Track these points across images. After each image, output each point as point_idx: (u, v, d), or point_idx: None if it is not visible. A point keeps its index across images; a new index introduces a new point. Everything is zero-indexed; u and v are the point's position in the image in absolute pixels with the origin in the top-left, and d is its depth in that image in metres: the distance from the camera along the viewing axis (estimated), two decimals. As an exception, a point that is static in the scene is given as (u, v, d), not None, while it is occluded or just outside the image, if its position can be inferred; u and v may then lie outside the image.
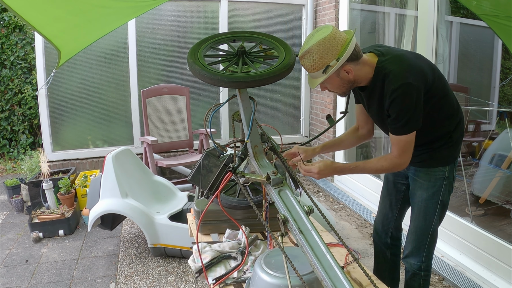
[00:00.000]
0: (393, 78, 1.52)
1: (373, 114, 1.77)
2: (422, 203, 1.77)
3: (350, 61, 1.52)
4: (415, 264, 1.83)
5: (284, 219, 1.28)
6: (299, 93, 5.05)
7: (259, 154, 1.53)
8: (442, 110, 1.66)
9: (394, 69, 1.54)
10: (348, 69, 1.54)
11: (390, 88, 1.52)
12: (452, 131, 1.71)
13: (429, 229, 1.79)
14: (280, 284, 1.32)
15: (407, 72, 1.53)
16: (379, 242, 2.08)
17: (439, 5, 2.92)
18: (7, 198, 4.11)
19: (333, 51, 1.48)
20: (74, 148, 4.46)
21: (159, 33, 4.49)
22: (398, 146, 1.61)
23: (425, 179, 1.76)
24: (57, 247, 3.15)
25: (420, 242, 1.81)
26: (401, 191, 1.95)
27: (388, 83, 1.53)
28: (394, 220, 2.01)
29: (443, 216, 1.82)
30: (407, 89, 1.51)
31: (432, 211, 1.77)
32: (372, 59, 1.60)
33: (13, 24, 5.27)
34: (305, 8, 4.77)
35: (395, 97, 1.52)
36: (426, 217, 1.78)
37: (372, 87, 1.63)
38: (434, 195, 1.75)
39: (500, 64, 4.03)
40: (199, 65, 1.52)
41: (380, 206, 2.07)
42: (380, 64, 1.57)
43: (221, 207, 1.55)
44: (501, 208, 3.17)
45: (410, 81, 1.51)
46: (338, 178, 4.45)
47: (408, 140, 1.59)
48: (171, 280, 2.65)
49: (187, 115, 4.29)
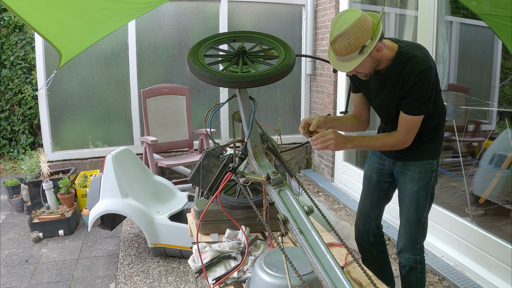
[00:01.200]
0: (418, 61, 1.60)
1: (382, 98, 1.79)
2: (414, 194, 1.84)
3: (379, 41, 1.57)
4: (410, 258, 1.88)
5: (284, 219, 1.28)
6: (299, 93, 5.05)
7: (259, 154, 1.53)
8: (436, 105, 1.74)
9: (418, 54, 1.62)
10: (379, 47, 1.58)
11: (416, 70, 1.59)
12: (440, 127, 1.82)
13: (420, 220, 1.86)
14: (280, 284, 1.32)
15: (429, 57, 1.63)
16: (363, 243, 2.13)
17: (439, 5, 2.92)
18: (7, 198, 4.11)
19: (367, 30, 1.51)
20: (74, 148, 4.45)
21: (159, 33, 4.49)
22: (406, 126, 1.69)
23: (415, 171, 1.84)
24: (57, 247, 3.15)
25: (413, 235, 1.87)
26: (384, 189, 2.03)
27: (413, 66, 1.60)
28: (375, 219, 2.08)
29: (431, 205, 1.90)
30: (430, 72, 1.61)
31: (423, 202, 1.84)
32: (391, 44, 1.68)
33: (13, 24, 5.27)
34: (305, 8, 4.77)
35: (420, 78, 1.59)
36: (417, 208, 1.85)
37: (390, 70, 1.68)
38: (425, 186, 1.83)
39: (500, 64, 4.04)
40: (199, 65, 1.52)
41: (360, 207, 2.12)
42: (403, 49, 1.65)
43: (221, 207, 1.55)
44: (501, 208, 3.17)
45: (432, 65, 1.62)
46: (338, 178, 4.45)
47: (417, 122, 1.68)
48: (171, 280, 2.65)
49: (187, 115, 4.29)
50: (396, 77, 1.67)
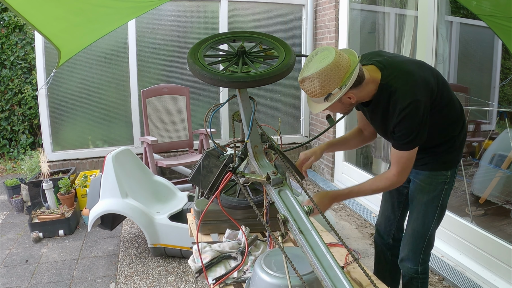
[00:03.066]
0: (400, 97, 1.47)
1: (376, 127, 1.74)
2: (422, 206, 1.75)
3: (353, 87, 1.46)
4: (411, 268, 1.81)
5: (284, 219, 1.28)
6: (299, 93, 5.05)
7: (259, 154, 1.53)
8: (447, 117, 1.65)
9: (400, 87, 1.49)
10: (351, 95, 1.49)
11: (398, 108, 1.48)
12: (456, 136, 1.70)
13: (427, 232, 1.77)
14: (280, 284, 1.32)
15: (413, 88, 1.48)
16: (380, 244, 2.08)
17: (439, 5, 2.92)
18: (7, 198, 4.11)
19: (335, 79, 1.41)
20: (74, 148, 4.46)
21: (159, 33, 4.49)
22: (398, 163, 1.58)
23: (426, 182, 1.74)
24: (57, 247, 3.15)
25: (417, 246, 1.79)
26: (403, 193, 1.93)
27: (395, 102, 1.48)
28: (397, 222, 2.00)
29: (441, 219, 1.80)
30: (416, 106, 1.47)
31: (431, 215, 1.75)
32: (375, 74, 1.54)
33: (13, 24, 5.27)
34: (305, 8, 4.77)
35: (404, 115, 1.48)
36: (424, 221, 1.76)
37: (376, 103, 1.58)
38: (434, 199, 1.73)
39: (500, 64, 4.03)
40: (199, 65, 1.52)
41: (382, 208, 2.06)
42: (385, 81, 1.52)
43: (221, 207, 1.55)
44: (501, 208, 3.17)
45: (418, 97, 1.47)
46: (338, 178, 4.45)
47: (410, 157, 1.57)
48: (171, 280, 2.65)
49: (187, 115, 4.29)
50: (384, 109, 1.56)
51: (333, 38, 4.30)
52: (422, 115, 1.49)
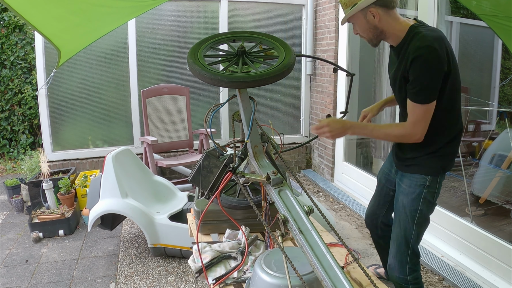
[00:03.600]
0: (421, 38, 1.51)
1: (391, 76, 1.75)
2: (402, 209, 1.75)
3: (379, 6, 1.57)
4: (400, 277, 1.78)
5: (284, 219, 1.28)
6: (299, 93, 5.05)
7: (259, 154, 1.53)
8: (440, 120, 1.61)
9: (425, 32, 1.53)
10: (375, 13, 1.58)
11: (415, 46, 1.51)
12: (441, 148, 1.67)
13: (408, 239, 1.74)
14: (280, 284, 1.32)
15: (436, 40, 1.50)
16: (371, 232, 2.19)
17: (439, 5, 2.92)
18: (7, 198, 4.11)
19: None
20: (74, 148, 4.45)
21: (159, 33, 4.48)
22: (413, 114, 1.57)
23: (407, 184, 1.74)
24: (57, 247, 3.15)
25: (401, 254, 1.77)
26: (389, 195, 1.98)
27: (414, 42, 1.53)
28: (382, 217, 2.08)
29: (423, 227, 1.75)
30: (431, 50, 1.48)
31: (411, 219, 1.72)
32: (409, 21, 1.63)
33: (13, 24, 5.27)
34: (305, 8, 4.77)
35: (417, 55, 1.49)
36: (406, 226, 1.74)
37: (400, 48, 1.62)
38: (413, 202, 1.70)
39: (500, 64, 4.03)
40: (199, 65, 1.52)
41: (370, 202, 2.14)
42: (415, 26, 1.59)
43: (221, 207, 1.55)
44: (501, 208, 3.17)
45: (436, 47, 1.48)
46: (338, 178, 4.45)
47: (424, 111, 1.55)
48: (171, 280, 2.65)
49: (187, 115, 4.29)
50: (402, 54, 1.59)
51: (333, 38, 4.30)
52: (435, 63, 1.49)
